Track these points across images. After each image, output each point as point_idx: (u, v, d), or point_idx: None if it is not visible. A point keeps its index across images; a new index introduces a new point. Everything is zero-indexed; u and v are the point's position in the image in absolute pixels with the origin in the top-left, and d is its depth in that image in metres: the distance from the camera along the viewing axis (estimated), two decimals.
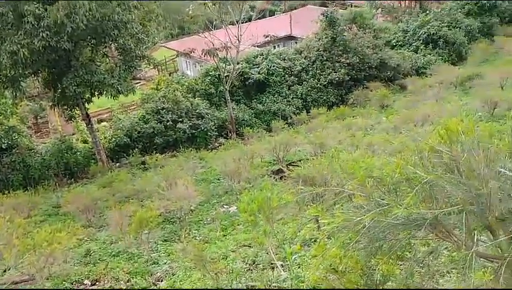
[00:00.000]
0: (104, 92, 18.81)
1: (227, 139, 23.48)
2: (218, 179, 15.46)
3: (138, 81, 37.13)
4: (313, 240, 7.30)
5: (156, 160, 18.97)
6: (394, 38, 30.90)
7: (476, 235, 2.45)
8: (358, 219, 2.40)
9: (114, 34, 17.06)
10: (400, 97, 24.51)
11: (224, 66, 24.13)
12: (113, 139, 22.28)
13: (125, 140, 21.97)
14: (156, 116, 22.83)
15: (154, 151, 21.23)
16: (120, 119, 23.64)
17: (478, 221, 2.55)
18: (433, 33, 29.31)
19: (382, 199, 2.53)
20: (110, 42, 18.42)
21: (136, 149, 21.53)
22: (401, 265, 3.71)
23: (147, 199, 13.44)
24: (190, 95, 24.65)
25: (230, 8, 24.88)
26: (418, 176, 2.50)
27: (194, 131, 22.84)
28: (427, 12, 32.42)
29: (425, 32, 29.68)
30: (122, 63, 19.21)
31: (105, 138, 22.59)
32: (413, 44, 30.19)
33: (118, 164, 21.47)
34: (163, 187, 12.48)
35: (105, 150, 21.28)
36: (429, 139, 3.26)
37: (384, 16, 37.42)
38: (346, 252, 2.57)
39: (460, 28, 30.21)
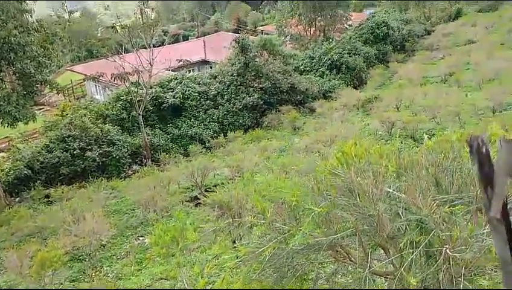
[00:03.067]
0: (0, 121, 17.18)
1: (142, 166, 22.59)
2: (133, 210, 14.75)
3: (41, 107, 34.54)
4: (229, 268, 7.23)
5: (62, 192, 17.53)
6: (302, 64, 32.76)
7: (370, 255, 2.62)
8: (260, 250, 2.43)
9: (10, 57, 15.80)
10: (309, 119, 25.85)
11: (136, 90, 23.43)
12: (12, 171, 20.16)
13: (25, 172, 20.01)
14: (61, 145, 21.20)
15: (60, 183, 19.60)
16: (19, 149, 21.56)
17: (371, 240, 2.74)
18: (336, 59, 31.68)
19: (284, 225, 2.61)
20: (7, 66, 16.95)
21: (39, 181, 19.73)
22: (310, 285, 3.82)
23: (51, 236, 12.32)
24: (100, 121, 23.40)
25: (141, 32, 24.42)
26: (314, 200, 2.62)
27: (104, 159, 21.61)
28: (330, 40, 35.01)
29: (329, 59, 31.97)
30: (21, 88, 17.75)
31: (2, 170, 20.39)
32: (319, 69, 32.27)
33: (17, 199, 19.43)
34: (69, 222, 11.54)
35: (2, 184, 19.20)
36: (328, 162, 3.45)
37: (292, 43, 39.62)
38: (251, 283, 2.58)
39: (359, 55, 33.05)
